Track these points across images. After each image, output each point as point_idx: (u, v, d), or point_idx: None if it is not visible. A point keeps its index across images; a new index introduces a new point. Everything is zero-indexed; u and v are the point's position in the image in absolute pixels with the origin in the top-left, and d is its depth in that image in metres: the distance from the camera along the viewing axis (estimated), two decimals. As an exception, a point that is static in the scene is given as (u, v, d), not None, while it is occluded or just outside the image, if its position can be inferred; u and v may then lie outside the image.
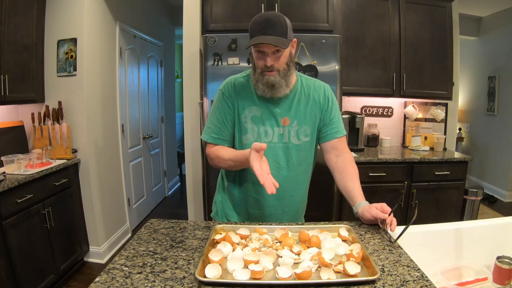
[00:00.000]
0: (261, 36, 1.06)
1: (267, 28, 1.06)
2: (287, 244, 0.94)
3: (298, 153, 1.24)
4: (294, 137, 1.22)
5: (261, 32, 1.06)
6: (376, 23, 2.73)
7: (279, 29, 1.07)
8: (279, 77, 1.13)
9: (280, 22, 1.08)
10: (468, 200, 2.63)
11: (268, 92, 1.16)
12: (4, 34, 2.04)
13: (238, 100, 1.23)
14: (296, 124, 1.22)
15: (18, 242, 1.88)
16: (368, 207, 1.09)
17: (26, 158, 2.08)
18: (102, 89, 2.78)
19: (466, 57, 4.58)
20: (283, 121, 1.22)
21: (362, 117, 2.75)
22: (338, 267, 0.83)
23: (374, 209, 1.06)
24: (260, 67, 1.14)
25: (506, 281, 1.04)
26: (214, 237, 0.98)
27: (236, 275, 0.79)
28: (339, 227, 1.05)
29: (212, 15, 2.40)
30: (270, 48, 1.09)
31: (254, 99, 1.22)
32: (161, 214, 3.86)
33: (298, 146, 1.23)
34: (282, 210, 1.27)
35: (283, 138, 1.22)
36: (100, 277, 0.80)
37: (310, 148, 1.27)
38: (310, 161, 1.30)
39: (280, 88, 1.15)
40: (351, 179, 1.19)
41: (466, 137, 4.89)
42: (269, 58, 1.10)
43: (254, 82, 1.18)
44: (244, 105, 1.22)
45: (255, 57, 1.15)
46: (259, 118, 1.21)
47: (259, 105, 1.21)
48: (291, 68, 1.17)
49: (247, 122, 1.22)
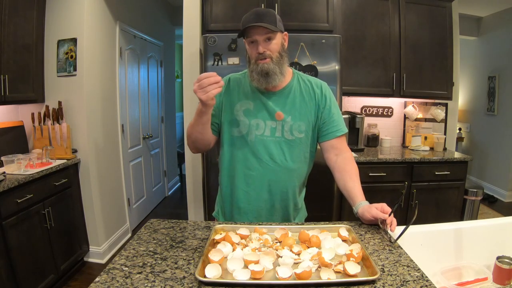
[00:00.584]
0: (251, 24, 1.11)
1: (256, 19, 1.11)
2: (287, 244, 0.94)
3: (291, 149, 1.23)
4: (287, 132, 1.22)
5: (253, 21, 1.11)
6: (376, 23, 2.73)
7: (268, 18, 1.12)
8: (273, 64, 1.15)
9: (269, 13, 1.14)
10: (468, 200, 2.63)
11: (263, 82, 1.17)
12: (4, 34, 2.04)
13: (229, 95, 1.25)
14: (291, 119, 1.22)
15: (18, 242, 1.88)
16: (368, 207, 1.09)
17: (26, 158, 2.08)
18: (102, 89, 2.78)
19: (466, 57, 4.58)
20: (277, 115, 1.21)
21: (362, 117, 2.75)
22: (338, 267, 0.83)
23: (374, 209, 1.06)
24: (254, 57, 1.16)
25: (506, 281, 1.04)
26: (214, 237, 0.98)
27: (236, 275, 0.79)
28: (339, 227, 1.05)
29: (212, 15, 2.40)
30: (261, 35, 1.12)
31: (248, 93, 1.24)
32: (161, 214, 3.86)
33: (292, 142, 1.22)
34: (272, 205, 1.25)
35: (276, 132, 1.21)
36: (100, 277, 0.80)
37: (305, 145, 1.25)
38: (305, 159, 1.28)
39: (275, 76, 1.16)
40: (351, 179, 1.19)
41: (466, 137, 4.89)
42: (261, 45, 1.13)
43: (250, 73, 1.19)
44: (237, 98, 1.24)
45: (248, 49, 1.18)
46: (251, 111, 1.22)
47: (252, 99, 1.23)
48: (284, 58, 1.19)
49: (239, 115, 1.22)
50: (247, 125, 1.21)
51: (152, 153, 3.96)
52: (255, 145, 1.21)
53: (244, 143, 1.22)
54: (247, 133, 1.21)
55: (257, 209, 1.26)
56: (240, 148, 1.23)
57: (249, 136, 1.21)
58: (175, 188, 4.77)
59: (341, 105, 2.59)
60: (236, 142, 1.23)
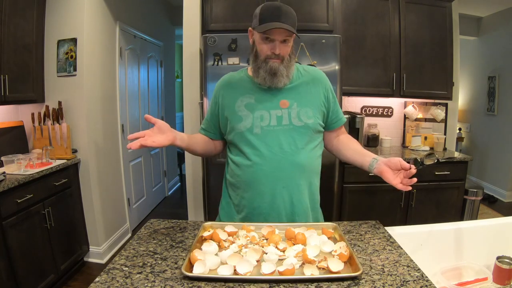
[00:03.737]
0: (276, 23, 1.05)
1: (281, 16, 1.06)
2: (273, 241, 0.94)
3: (302, 136, 1.16)
4: (295, 118, 1.16)
5: (276, 19, 1.06)
6: (376, 23, 2.73)
7: (291, 21, 1.08)
8: (282, 66, 1.13)
9: (292, 14, 1.10)
10: (468, 200, 2.63)
11: (269, 80, 1.14)
12: (4, 34, 2.04)
13: (228, 93, 1.22)
14: (297, 106, 1.17)
15: (18, 242, 1.88)
16: (389, 159, 1.10)
17: (26, 158, 2.08)
18: (102, 89, 2.78)
19: (466, 57, 4.58)
20: (282, 103, 1.17)
21: (362, 117, 2.75)
22: (322, 264, 0.83)
23: (397, 158, 1.08)
24: (265, 54, 1.12)
25: (506, 281, 1.04)
26: (202, 234, 0.98)
27: (219, 271, 0.81)
28: (325, 225, 1.06)
29: (212, 15, 2.40)
30: (282, 36, 1.09)
31: (249, 88, 1.20)
32: (161, 214, 3.86)
33: (302, 128, 1.16)
34: (290, 201, 1.17)
35: (282, 121, 1.16)
36: (100, 277, 0.80)
37: (315, 131, 1.19)
38: (317, 147, 1.22)
39: (281, 77, 1.14)
40: (359, 145, 1.24)
41: (466, 137, 4.89)
42: (278, 46, 1.10)
43: (255, 69, 1.16)
44: (238, 95, 1.20)
45: (260, 43, 1.12)
46: (253, 104, 1.18)
47: (253, 93, 1.19)
48: (292, 60, 1.17)
49: (241, 110, 1.18)
50: (251, 118, 1.16)
51: (152, 153, 3.96)
52: (265, 137, 1.15)
53: (250, 138, 1.16)
54: (251, 126, 1.15)
55: (275, 207, 1.17)
56: (247, 143, 1.16)
57: (255, 129, 1.15)
58: (175, 188, 4.77)
59: (341, 105, 2.59)
60: (242, 137, 1.17)
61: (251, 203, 1.18)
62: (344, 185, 2.48)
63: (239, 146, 1.19)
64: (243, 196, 1.20)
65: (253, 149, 1.16)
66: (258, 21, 1.09)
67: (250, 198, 1.18)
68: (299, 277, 0.80)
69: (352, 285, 0.77)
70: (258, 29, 1.09)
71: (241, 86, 1.22)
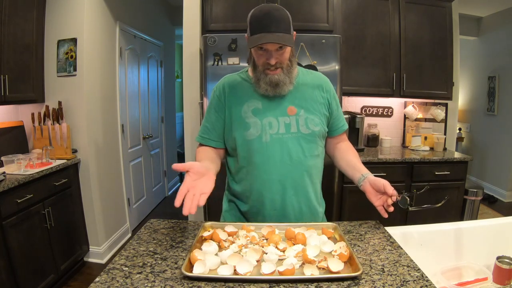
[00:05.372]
0: (266, 34, 1.00)
1: (270, 26, 0.99)
2: (273, 241, 0.94)
3: (309, 143, 1.14)
4: (303, 126, 1.13)
5: (265, 29, 1.00)
6: (376, 23, 2.73)
7: (283, 26, 1.01)
8: (283, 75, 1.08)
9: (283, 17, 1.02)
10: (468, 200, 2.63)
11: (271, 91, 1.10)
12: (4, 34, 2.04)
13: (233, 97, 1.16)
14: (304, 113, 1.14)
15: (18, 242, 1.88)
16: (376, 179, 1.08)
17: (26, 158, 2.08)
18: (102, 89, 2.78)
19: (466, 57, 4.59)
20: (289, 110, 1.14)
21: (362, 117, 2.75)
22: (322, 264, 0.83)
23: (384, 181, 1.06)
24: (262, 65, 1.08)
25: (506, 281, 1.04)
26: (202, 234, 0.98)
27: (219, 271, 0.81)
28: (325, 225, 1.06)
29: (212, 15, 2.40)
30: (274, 46, 1.03)
31: (254, 92, 1.15)
32: (161, 214, 3.86)
33: (309, 136, 1.14)
34: (299, 208, 1.17)
35: (291, 128, 1.12)
36: (100, 277, 0.80)
37: (320, 137, 1.19)
38: (321, 153, 1.22)
39: (284, 86, 1.10)
40: (355, 157, 1.21)
41: (466, 137, 4.89)
42: (273, 57, 1.04)
43: (255, 80, 1.12)
44: (243, 100, 1.15)
45: (255, 55, 1.08)
46: (260, 110, 1.13)
47: (260, 98, 1.14)
48: (293, 63, 1.12)
49: (248, 117, 1.13)
50: (260, 126, 1.11)
51: (152, 153, 3.96)
52: (273, 145, 1.12)
53: (259, 146, 1.12)
54: (260, 134, 1.11)
55: (285, 215, 1.16)
56: (256, 151, 1.12)
57: (264, 137, 1.11)
58: (175, 188, 4.77)
59: (341, 105, 2.59)
60: (251, 145, 1.12)
61: (261, 211, 1.17)
62: (344, 185, 2.48)
63: (247, 154, 1.14)
64: (253, 205, 1.18)
65: (262, 158, 1.12)
66: (249, 31, 1.04)
67: (259, 207, 1.17)
68: (299, 277, 0.80)
69: (352, 285, 0.77)
70: (249, 44, 1.04)
71: (245, 90, 1.17)
